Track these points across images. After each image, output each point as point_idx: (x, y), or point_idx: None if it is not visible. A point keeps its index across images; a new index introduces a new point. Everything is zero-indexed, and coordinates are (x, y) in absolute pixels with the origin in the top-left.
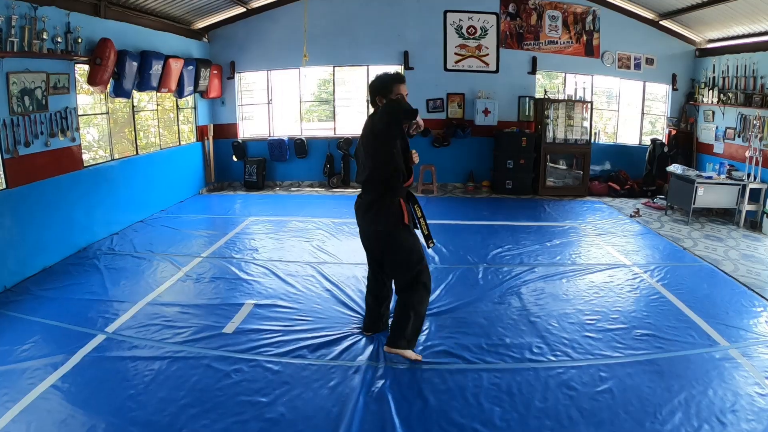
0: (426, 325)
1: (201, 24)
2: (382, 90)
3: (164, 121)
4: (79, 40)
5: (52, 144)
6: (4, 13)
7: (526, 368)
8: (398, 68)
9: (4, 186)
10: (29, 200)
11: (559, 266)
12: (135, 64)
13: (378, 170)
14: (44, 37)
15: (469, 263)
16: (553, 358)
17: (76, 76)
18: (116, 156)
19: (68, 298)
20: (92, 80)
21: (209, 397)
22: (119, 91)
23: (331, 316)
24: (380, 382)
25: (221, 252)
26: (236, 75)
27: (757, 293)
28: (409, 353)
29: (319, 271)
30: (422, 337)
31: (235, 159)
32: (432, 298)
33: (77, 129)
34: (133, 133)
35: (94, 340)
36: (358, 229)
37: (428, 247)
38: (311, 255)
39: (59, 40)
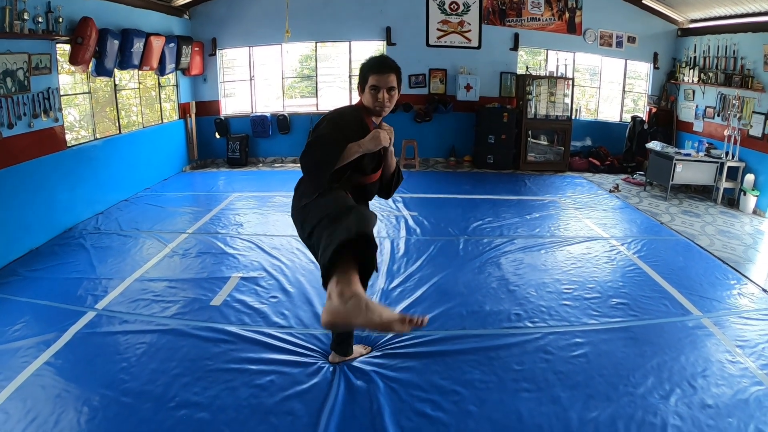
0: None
1: (182, 0)
2: (360, 80)
3: (146, 99)
4: (60, 20)
5: (36, 125)
6: None
7: (504, 334)
8: (380, 44)
9: None
10: (14, 182)
11: (538, 238)
12: (116, 42)
13: None
14: (25, 17)
15: (450, 235)
16: (530, 325)
17: (57, 56)
18: (98, 136)
19: (56, 278)
20: (74, 59)
21: (199, 366)
22: (101, 70)
23: (317, 287)
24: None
25: (206, 228)
26: (218, 52)
27: (731, 267)
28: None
29: (302, 246)
30: (404, 305)
31: (217, 136)
32: (412, 269)
33: (60, 109)
34: (114, 112)
35: (85, 317)
36: None
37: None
38: (294, 230)
39: (40, 20)
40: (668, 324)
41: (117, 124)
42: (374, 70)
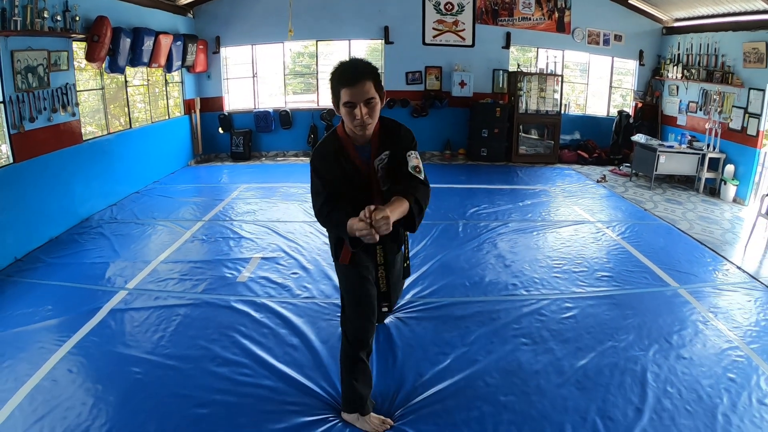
0: (420, 272)
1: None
2: (332, 96)
3: (153, 95)
4: (77, 18)
5: (54, 119)
6: None
7: (503, 300)
8: (379, 42)
9: (11, 160)
10: (34, 173)
11: (530, 222)
12: (128, 40)
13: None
14: (45, 15)
15: (449, 219)
16: (525, 293)
17: (74, 53)
18: (108, 131)
19: (82, 263)
20: (90, 57)
21: (235, 331)
22: (114, 67)
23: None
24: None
25: (221, 216)
26: (221, 49)
27: (708, 247)
28: (359, 422)
29: (316, 229)
30: (414, 278)
31: (221, 131)
32: (418, 248)
33: (77, 104)
34: (122, 108)
35: (117, 296)
36: None
37: (381, 309)
38: (306, 215)
39: (58, 18)
40: (648, 293)
41: (128, 119)
42: (344, 82)
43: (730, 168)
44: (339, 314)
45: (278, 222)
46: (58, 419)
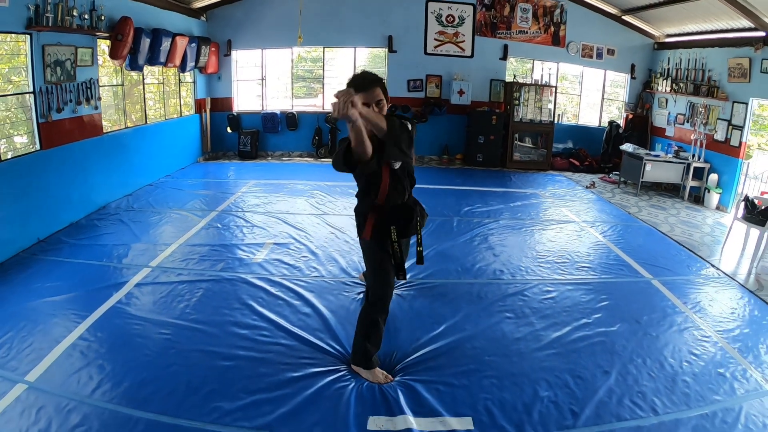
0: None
1: (200, 3)
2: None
3: (167, 93)
4: (102, 18)
5: (79, 111)
6: None
7: (490, 283)
8: (382, 50)
9: (38, 147)
10: (59, 161)
11: (520, 220)
12: (148, 40)
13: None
14: (74, 13)
15: (445, 216)
16: (511, 278)
17: (98, 50)
18: (120, 126)
19: (104, 244)
20: (114, 54)
21: (254, 301)
22: (134, 65)
23: (340, 248)
24: None
25: (233, 207)
26: (232, 52)
27: (685, 247)
28: (365, 373)
29: (323, 220)
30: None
31: (229, 130)
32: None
33: (99, 98)
34: (133, 105)
35: (142, 272)
36: (351, 190)
37: (398, 278)
38: (314, 208)
39: (86, 17)
40: (623, 282)
41: (144, 115)
42: (359, 89)
43: (714, 177)
44: (346, 291)
45: (287, 214)
46: (95, 371)
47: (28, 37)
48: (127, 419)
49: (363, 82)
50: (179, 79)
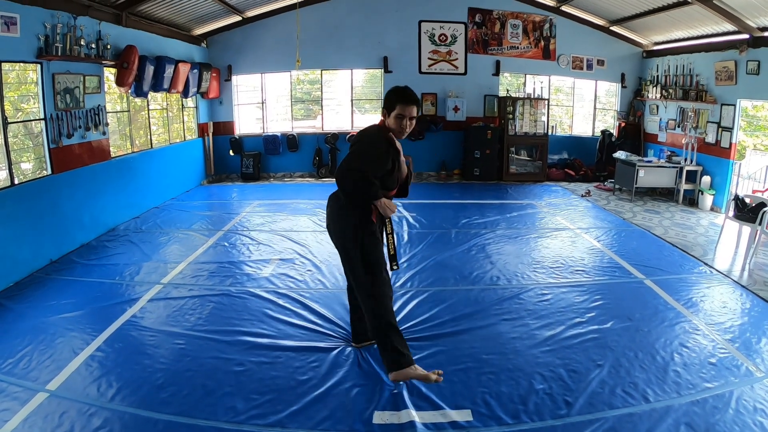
0: (417, 268)
1: (200, 31)
2: (386, 106)
3: (170, 118)
4: (108, 47)
5: (88, 136)
6: (50, 22)
7: (487, 288)
8: (378, 71)
9: (50, 172)
10: (69, 184)
11: (516, 230)
12: (152, 67)
13: None
14: (81, 43)
15: (443, 228)
16: (507, 283)
17: (104, 78)
18: (119, 152)
19: (115, 264)
20: (120, 81)
21: (263, 313)
22: (139, 92)
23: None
24: None
25: (238, 226)
26: (233, 77)
27: (679, 248)
28: (398, 375)
29: (326, 237)
30: (412, 273)
31: (231, 153)
32: (416, 250)
33: (106, 124)
34: (137, 130)
35: (154, 288)
36: None
37: (392, 269)
38: (317, 225)
39: (93, 46)
40: (616, 283)
41: (149, 141)
42: (402, 100)
43: (706, 179)
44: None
45: (291, 231)
46: (114, 378)
47: (39, 66)
48: (147, 420)
49: (408, 98)
50: (182, 105)
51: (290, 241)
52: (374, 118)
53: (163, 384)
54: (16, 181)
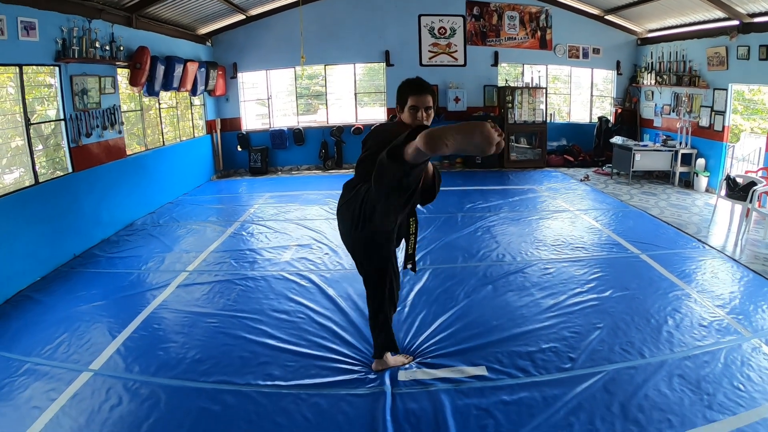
0: (428, 249)
1: (205, 30)
2: (399, 100)
3: (179, 116)
4: (121, 48)
5: (105, 136)
6: (66, 26)
7: (494, 264)
8: (380, 65)
9: (70, 170)
10: (89, 182)
11: (518, 213)
12: (163, 67)
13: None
14: (96, 45)
15: (449, 212)
16: (512, 259)
17: (118, 78)
18: (135, 150)
19: (138, 255)
20: (133, 81)
21: (289, 292)
22: (151, 91)
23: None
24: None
25: (254, 217)
26: (238, 75)
27: (674, 227)
28: (380, 363)
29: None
30: (422, 254)
31: (239, 149)
32: (425, 233)
33: (122, 123)
34: (148, 128)
35: (181, 275)
36: None
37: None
38: (329, 213)
39: (107, 48)
40: (613, 258)
41: (161, 138)
42: (413, 91)
43: (701, 161)
44: None
45: (305, 220)
46: (153, 356)
47: (57, 68)
48: (191, 390)
49: (419, 88)
50: (190, 103)
51: (305, 228)
52: (374, 110)
53: (201, 358)
54: (41, 180)
